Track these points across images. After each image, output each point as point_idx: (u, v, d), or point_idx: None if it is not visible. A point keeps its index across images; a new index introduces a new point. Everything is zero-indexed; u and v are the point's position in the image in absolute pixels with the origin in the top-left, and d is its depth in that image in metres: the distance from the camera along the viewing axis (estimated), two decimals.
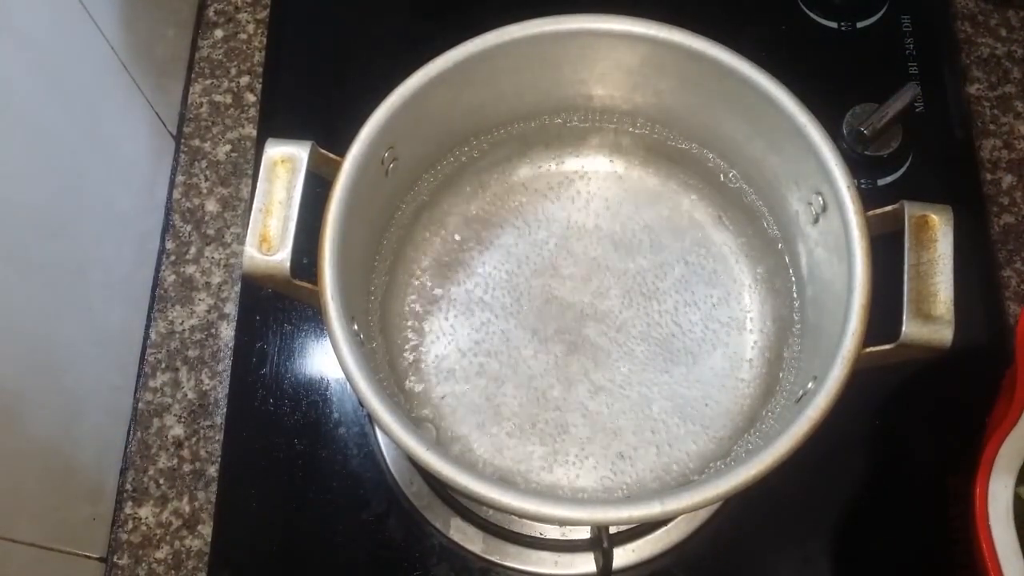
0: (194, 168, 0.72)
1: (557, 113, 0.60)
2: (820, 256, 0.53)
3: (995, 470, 0.54)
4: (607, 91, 0.58)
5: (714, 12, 0.66)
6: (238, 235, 0.70)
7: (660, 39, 0.53)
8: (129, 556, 0.62)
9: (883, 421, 0.63)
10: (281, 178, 0.48)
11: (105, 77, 0.63)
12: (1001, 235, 0.69)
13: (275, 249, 0.47)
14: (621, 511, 0.44)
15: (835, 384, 0.45)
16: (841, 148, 0.56)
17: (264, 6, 0.77)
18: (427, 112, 0.53)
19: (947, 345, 0.45)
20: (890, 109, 0.66)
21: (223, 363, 0.66)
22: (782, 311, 0.56)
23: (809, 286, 0.55)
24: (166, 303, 0.68)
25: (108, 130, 0.64)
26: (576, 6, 0.53)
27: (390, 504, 0.62)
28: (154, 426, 0.65)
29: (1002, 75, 0.74)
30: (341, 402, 0.64)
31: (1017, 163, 0.71)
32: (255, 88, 0.74)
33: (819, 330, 0.52)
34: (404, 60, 0.52)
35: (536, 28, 0.53)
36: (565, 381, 0.56)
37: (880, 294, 0.47)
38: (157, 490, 0.63)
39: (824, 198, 0.50)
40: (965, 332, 0.46)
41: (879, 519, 0.61)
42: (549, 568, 0.60)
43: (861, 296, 0.47)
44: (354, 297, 0.51)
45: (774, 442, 0.45)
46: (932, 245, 0.47)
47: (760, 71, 0.51)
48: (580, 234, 0.59)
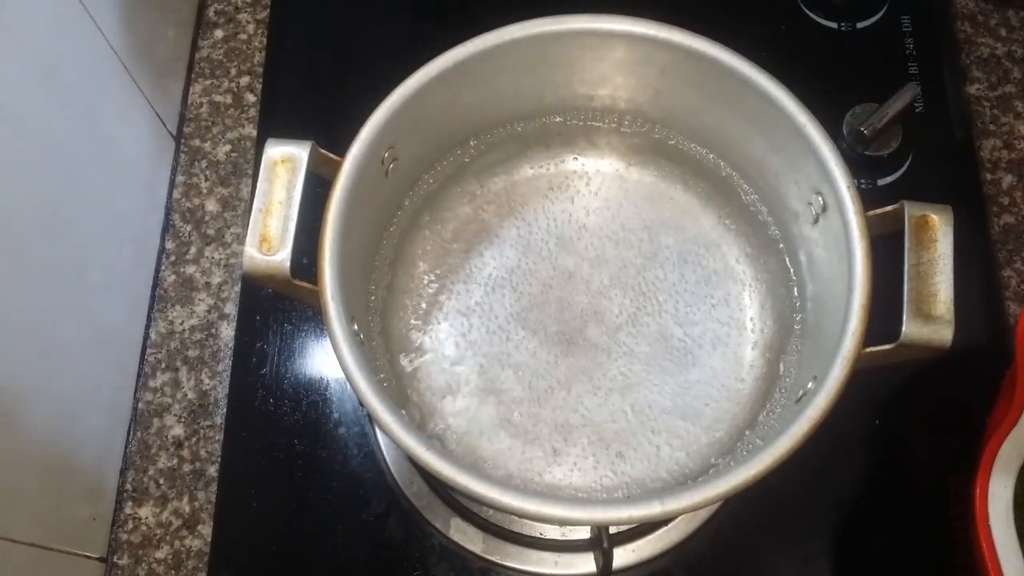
0: (194, 168, 0.72)
1: (557, 113, 0.60)
2: (820, 256, 0.53)
3: (995, 470, 0.54)
4: (607, 91, 0.58)
5: (714, 12, 0.66)
6: (238, 235, 0.70)
7: (660, 39, 0.53)
8: (129, 556, 0.62)
9: (883, 421, 0.63)
10: (281, 178, 0.48)
11: (105, 77, 0.63)
12: (1001, 235, 0.69)
13: (275, 249, 0.47)
14: (621, 511, 0.44)
15: (835, 384, 0.45)
16: (841, 148, 0.56)
17: (264, 6, 0.77)
18: (427, 112, 0.53)
19: (947, 345, 0.45)
20: (890, 109, 0.66)
21: (223, 363, 0.66)
22: (782, 311, 0.56)
23: (809, 286, 0.55)
24: (166, 303, 0.68)
25: (108, 130, 0.64)
26: (576, 6, 0.53)
27: (390, 504, 0.62)
28: (154, 426, 0.65)
29: (1002, 75, 0.74)
30: (341, 402, 0.64)
31: (1017, 163, 0.71)
32: (255, 88, 0.74)
33: (819, 330, 0.52)
34: (404, 60, 0.52)
35: (536, 28, 0.53)
36: (565, 381, 0.56)
37: (880, 294, 0.47)
38: (157, 490, 0.63)
39: (824, 198, 0.50)
40: (965, 332, 0.46)
41: (879, 519, 0.61)
42: (549, 568, 0.60)
43: (861, 296, 0.47)
44: (354, 297, 0.51)
45: (774, 442, 0.45)
46: (932, 245, 0.47)
47: (760, 71, 0.51)
48: (580, 234, 0.59)
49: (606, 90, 0.58)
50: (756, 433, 0.54)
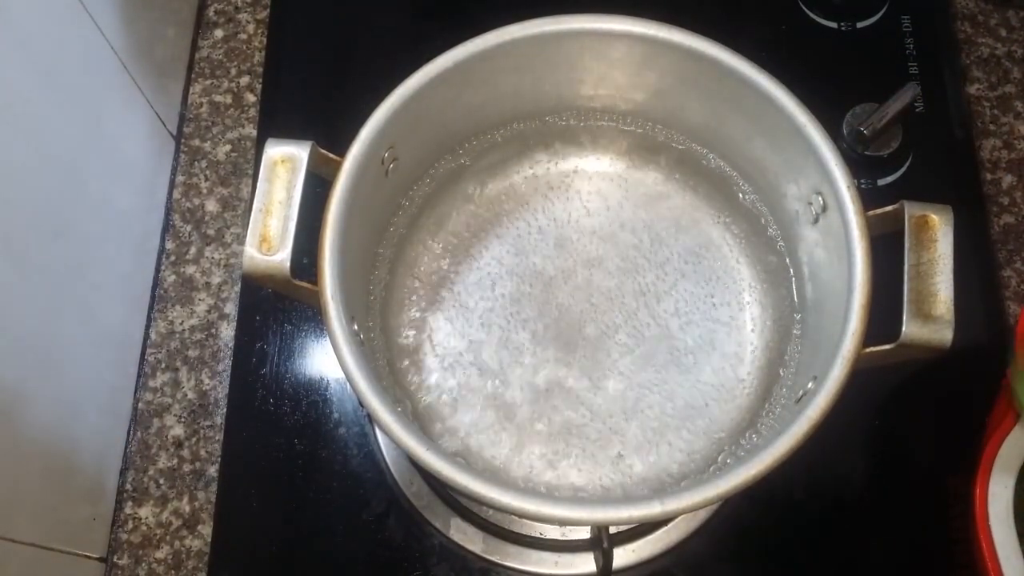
0: (194, 168, 0.72)
1: (557, 113, 0.60)
2: (820, 256, 0.53)
3: (995, 470, 0.54)
4: (607, 91, 0.58)
5: (714, 12, 0.66)
6: (238, 235, 0.70)
7: (660, 39, 0.53)
8: (129, 556, 0.62)
9: (883, 421, 0.63)
10: (281, 178, 0.48)
11: (105, 77, 0.63)
12: (1001, 235, 0.69)
13: (275, 249, 0.47)
14: (621, 511, 0.44)
15: (835, 384, 0.45)
16: (841, 148, 0.56)
17: (264, 6, 0.77)
18: (427, 112, 0.53)
19: (947, 345, 0.45)
20: (890, 109, 0.66)
21: (223, 363, 0.66)
22: (782, 311, 0.56)
23: (809, 286, 0.55)
24: (166, 303, 0.68)
25: (108, 130, 0.64)
26: (576, 6, 0.53)
27: (390, 504, 0.62)
28: (154, 426, 0.65)
29: (1002, 75, 0.74)
30: (341, 402, 0.64)
31: (1017, 163, 0.71)
32: (255, 88, 0.74)
33: (819, 330, 0.52)
34: (404, 60, 0.52)
35: (536, 28, 0.53)
36: (565, 381, 0.56)
37: (880, 294, 0.47)
38: (157, 490, 0.63)
39: (824, 198, 0.50)
40: (965, 332, 0.46)
41: (879, 519, 0.61)
42: (549, 568, 0.60)
43: (861, 296, 0.47)
44: (354, 297, 0.51)
45: (774, 442, 0.45)
46: (932, 245, 0.47)
47: (760, 71, 0.51)
48: (580, 234, 0.59)
49: (606, 90, 0.58)
50: (756, 433, 0.54)
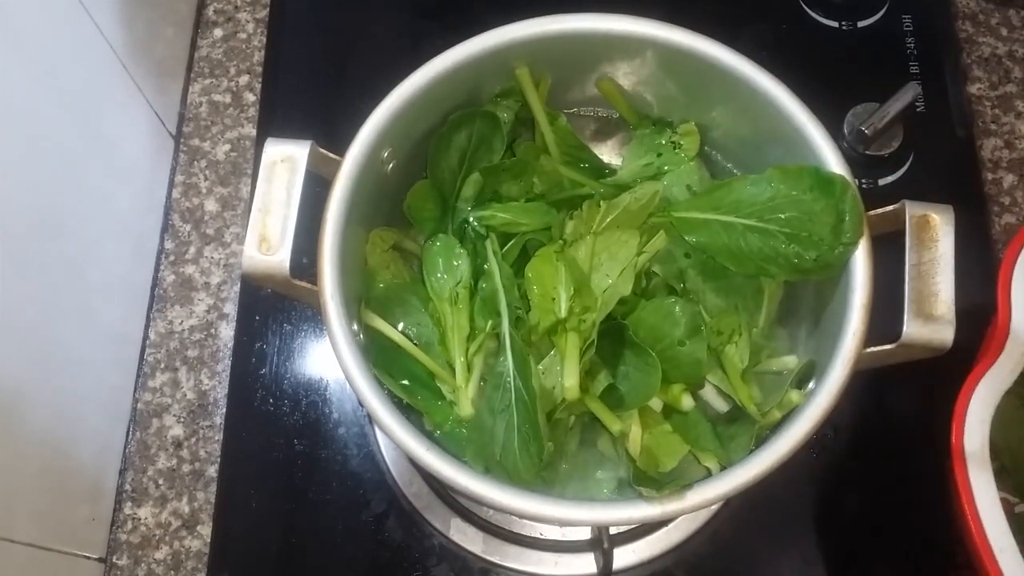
0: (193, 168, 0.72)
1: (557, 112, 0.60)
2: None
3: (972, 405, 0.54)
4: (607, 90, 0.58)
5: (714, 12, 0.66)
6: (238, 235, 0.70)
7: (660, 39, 0.52)
8: (128, 556, 0.62)
9: (882, 420, 0.63)
10: (281, 178, 0.48)
11: (105, 77, 0.63)
12: (1002, 235, 0.69)
13: (275, 249, 0.47)
14: (621, 511, 0.44)
15: (835, 384, 0.45)
16: (842, 148, 0.56)
17: (264, 6, 0.77)
18: (427, 112, 0.53)
19: (948, 345, 0.45)
20: (891, 109, 0.66)
21: (222, 363, 0.66)
22: (783, 311, 0.56)
23: (810, 285, 0.55)
24: (165, 303, 0.68)
25: (108, 130, 0.64)
26: (576, 6, 0.53)
27: (390, 504, 0.62)
28: (153, 426, 0.65)
29: (1003, 74, 0.74)
30: (341, 402, 0.64)
31: (1018, 162, 0.71)
32: (255, 88, 0.74)
33: (819, 330, 0.52)
34: (404, 60, 0.52)
35: (536, 28, 0.53)
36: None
37: (880, 294, 0.47)
38: (156, 490, 0.63)
39: None
40: (966, 332, 0.46)
41: (879, 519, 0.61)
42: (549, 569, 0.60)
43: (861, 296, 0.47)
44: (354, 297, 0.51)
45: (774, 442, 0.45)
46: (933, 245, 0.47)
47: (760, 71, 0.51)
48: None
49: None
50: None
